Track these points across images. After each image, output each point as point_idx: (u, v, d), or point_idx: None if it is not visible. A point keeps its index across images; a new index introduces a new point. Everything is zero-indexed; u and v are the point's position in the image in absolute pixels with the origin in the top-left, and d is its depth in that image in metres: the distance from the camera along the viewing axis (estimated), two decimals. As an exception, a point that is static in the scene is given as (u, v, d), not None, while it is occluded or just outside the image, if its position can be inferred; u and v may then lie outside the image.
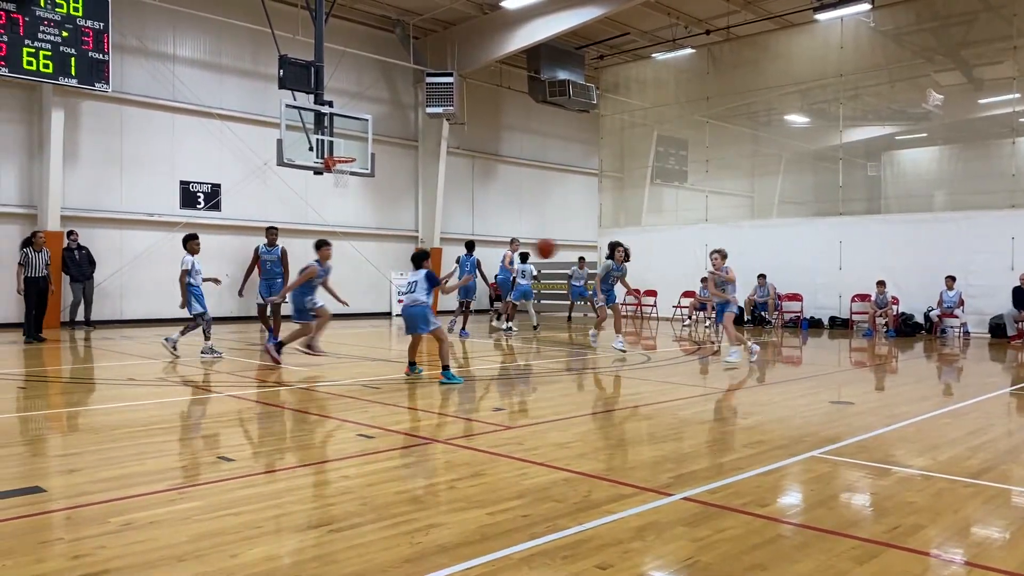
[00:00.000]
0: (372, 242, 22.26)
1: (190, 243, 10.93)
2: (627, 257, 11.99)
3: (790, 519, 3.98)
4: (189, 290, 10.70)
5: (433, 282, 8.61)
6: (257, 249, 12.51)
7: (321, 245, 10.18)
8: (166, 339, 11.03)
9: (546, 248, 11.46)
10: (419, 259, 8.74)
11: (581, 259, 19.14)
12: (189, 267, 10.73)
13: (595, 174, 25.97)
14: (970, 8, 18.15)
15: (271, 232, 12.63)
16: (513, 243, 16.54)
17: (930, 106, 18.83)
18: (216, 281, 11.35)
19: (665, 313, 21.20)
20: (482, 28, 21.43)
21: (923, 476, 4.81)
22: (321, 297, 10.22)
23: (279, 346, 10.19)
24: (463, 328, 15.33)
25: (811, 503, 4.27)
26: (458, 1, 20.53)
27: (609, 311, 12.29)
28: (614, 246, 11.93)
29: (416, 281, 8.51)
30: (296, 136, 14.93)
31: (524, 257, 16.03)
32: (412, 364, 8.98)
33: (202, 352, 10.95)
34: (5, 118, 16.30)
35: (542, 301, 23.56)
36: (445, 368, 8.53)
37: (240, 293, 13.17)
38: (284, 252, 12.48)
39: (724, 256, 10.76)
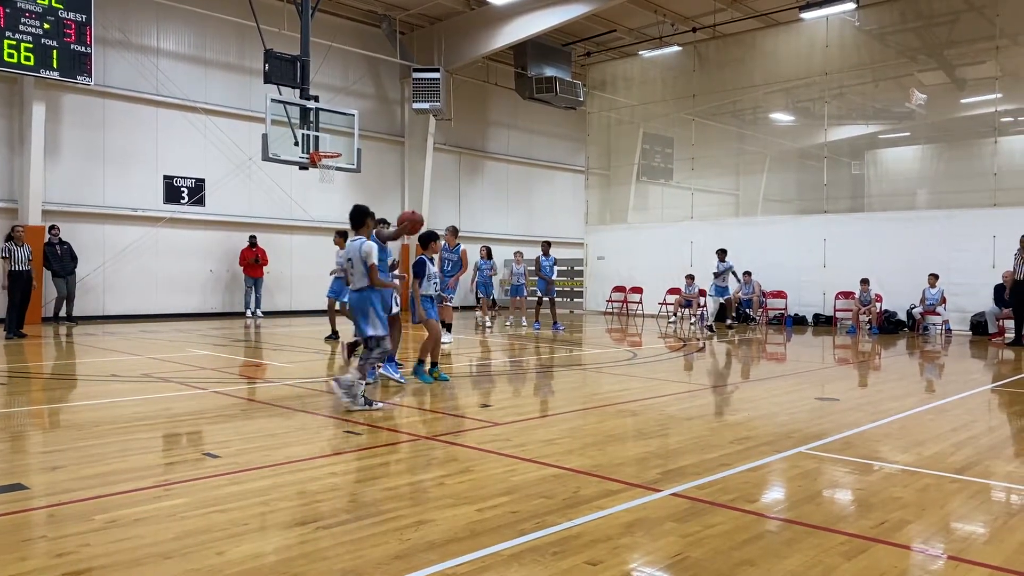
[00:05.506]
0: (358, 238, 22.09)
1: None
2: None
3: (778, 515, 4.00)
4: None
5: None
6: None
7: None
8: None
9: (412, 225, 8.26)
10: (723, 253, 9.69)
11: (518, 253, 17.98)
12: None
13: (581, 171, 25.98)
14: (953, 8, 18.30)
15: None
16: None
17: (913, 105, 18.99)
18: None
19: (651, 310, 21.25)
20: (469, 24, 21.37)
21: (908, 472, 4.85)
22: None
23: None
24: (536, 322, 17.29)
25: (799, 499, 4.29)
26: (445, -3, 20.48)
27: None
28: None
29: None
30: (281, 131, 14.85)
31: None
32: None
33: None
34: (-15, 111, 16.09)
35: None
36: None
37: None
38: None
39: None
